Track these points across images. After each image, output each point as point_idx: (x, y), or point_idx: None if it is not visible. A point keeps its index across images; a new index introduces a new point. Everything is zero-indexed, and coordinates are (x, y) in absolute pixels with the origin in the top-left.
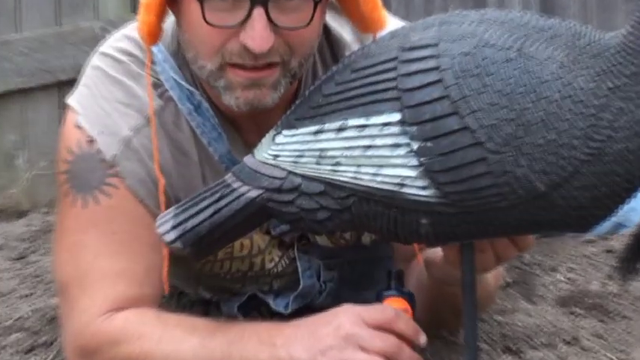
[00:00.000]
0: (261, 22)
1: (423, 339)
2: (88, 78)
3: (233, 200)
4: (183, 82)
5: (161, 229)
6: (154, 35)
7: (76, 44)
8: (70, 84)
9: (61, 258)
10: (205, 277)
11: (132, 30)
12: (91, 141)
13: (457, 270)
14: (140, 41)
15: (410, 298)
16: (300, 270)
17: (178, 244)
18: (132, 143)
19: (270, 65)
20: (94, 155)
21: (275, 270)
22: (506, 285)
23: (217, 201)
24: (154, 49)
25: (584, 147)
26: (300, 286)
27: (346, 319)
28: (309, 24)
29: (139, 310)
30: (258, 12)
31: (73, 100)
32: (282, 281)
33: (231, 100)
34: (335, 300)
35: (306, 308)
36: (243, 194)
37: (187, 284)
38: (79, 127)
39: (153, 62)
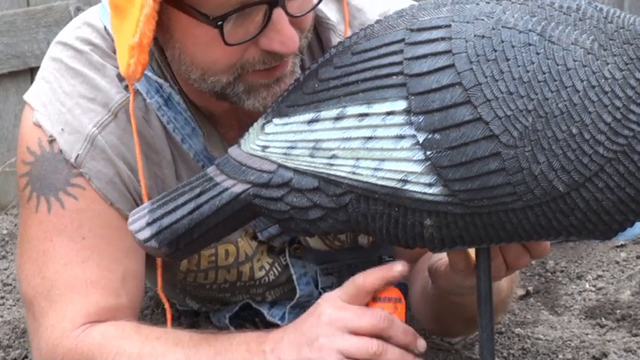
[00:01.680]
0: (285, 23)
1: (421, 345)
2: (46, 71)
3: (216, 196)
4: (150, 74)
5: (134, 226)
6: (143, 73)
7: (49, 26)
8: None
9: (25, 270)
10: (190, 288)
11: (92, 16)
12: (52, 140)
13: (465, 279)
14: (102, 29)
15: (404, 288)
16: (294, 277)
17: (153, 243)
18: (97, 141)
19: None
20: (56, 155)
21: (266, 279)
22: (526, 294)
23: (198, 196)
24: None
25: (610, 143)
26: (297, 295)
27: (327, 304)
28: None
29: (116, 323)
30: (279, 13)
31: (30, 95)
32: (276, 292)
33: (256, 102)
34: None
35: None
36: (226, 189)
37: (173, 293)
38: (38, 125)
39: (115, 52)
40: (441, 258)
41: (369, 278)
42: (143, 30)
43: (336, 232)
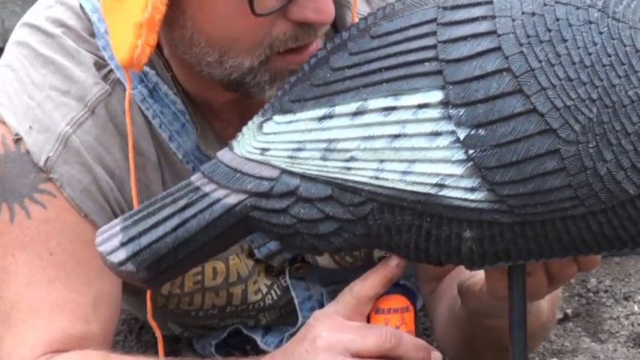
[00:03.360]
0: None
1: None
2: (11, 57)
3: (205, 209)
4: None
5: (105, 247)
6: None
7: (3, 2)
8: None
9: None
10: (172, 315)
11: None
12: (19, 139)
13: (505, 302)
14: (77, 7)
15: (410, 293)
16: (296, 302)
17: (129, 267)
18: (71, 142)
19: None
20: (22, 157)
21: (262, 303)
22: (564, 318)
23: (182, 210)
24: (94, 16)
25: None
26: (299, 322)
27: (322, 325)
28: None
29: (81, 353)
30: None
31: None
32: (272, 314)
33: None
34: None
35: None
36: (218, 200)
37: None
38: (1, 121)
39: (93, 35)
40: (474, 275)
41: (367, 283)
42: (155, 3)
43: (350, 248)
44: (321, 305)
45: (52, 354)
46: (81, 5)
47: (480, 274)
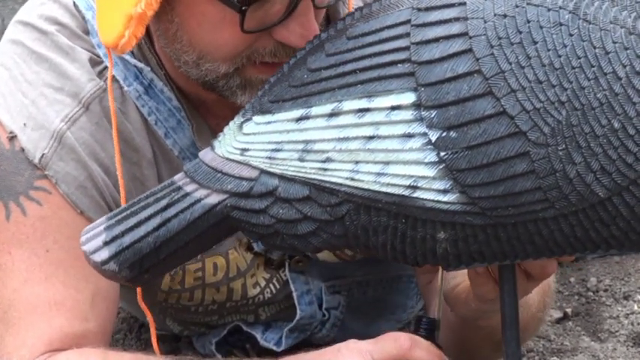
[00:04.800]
0: (311, 15)
1: None
2: (5, 55)
3: (186, 208)
4: (127, 57)
5: (88, 247)
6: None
7: (3, 0)
8: None
9: None
10: (172, 311)
11: None
12: (13, 137)
13: (494, 305)
14: (70, 5)
15: (430, 323)
16: (295, 296)
17: (112, 266)
18: (66, 138)
19: None
20: (17, 154)
21: (261, 297)
22: (564, 317)
23: (164, 209)
24: (88, 14)
25: None
26: (297, 317)
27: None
28: None
29: (80, 351)
30: (306, 4)
31: None
32: (271, 309)
33: (252, 99)
34: (341, 332)
35: (304, 344)
36: (199, 200)
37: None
38: None
39: (87, 32)
40: (460, 283)
41: (417, 351)
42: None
43: (329, 248)
44: (319, 299)
45: (51, 353)
46: (74, 3)
47: (463, 282)
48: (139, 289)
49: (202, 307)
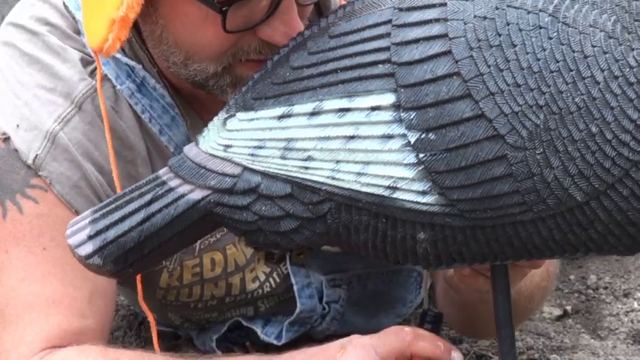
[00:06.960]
0: (294, 13)
1: (457, 356)
2: None
3: (170, 204)
4: (119, 55)
5: (73, 240)
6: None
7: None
8: None
9: None
10: (171, 308)
11: None
12: (6, 138)
13: (488, 293)
14: (60, 5)
15: (437, 317)
16: (295, 289)
17: (96, 260)
18: (59, 139)
19: None
20: (12, 153)
21: (260, 291)
22: (564, 314)
23: (149, 204)
24: (78, 14)
25: (636, 144)
26: (297, 310)
27: (353, 354)
28: None
29: (79, 348)
30: (289, 2)
31: None
32: (270, 301)
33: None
34: (341, 326)
35: (305, 337)
36: (182, 196)
37: (151, 308)
38: None
39: (78, 32)
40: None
41: (420, 343)
42: (131, 3)
43: (312, 245)
44: (320, 293)
45: (50, 350)
46: (64, 3)
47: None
48: (139, 289)
49: (202, 303)
